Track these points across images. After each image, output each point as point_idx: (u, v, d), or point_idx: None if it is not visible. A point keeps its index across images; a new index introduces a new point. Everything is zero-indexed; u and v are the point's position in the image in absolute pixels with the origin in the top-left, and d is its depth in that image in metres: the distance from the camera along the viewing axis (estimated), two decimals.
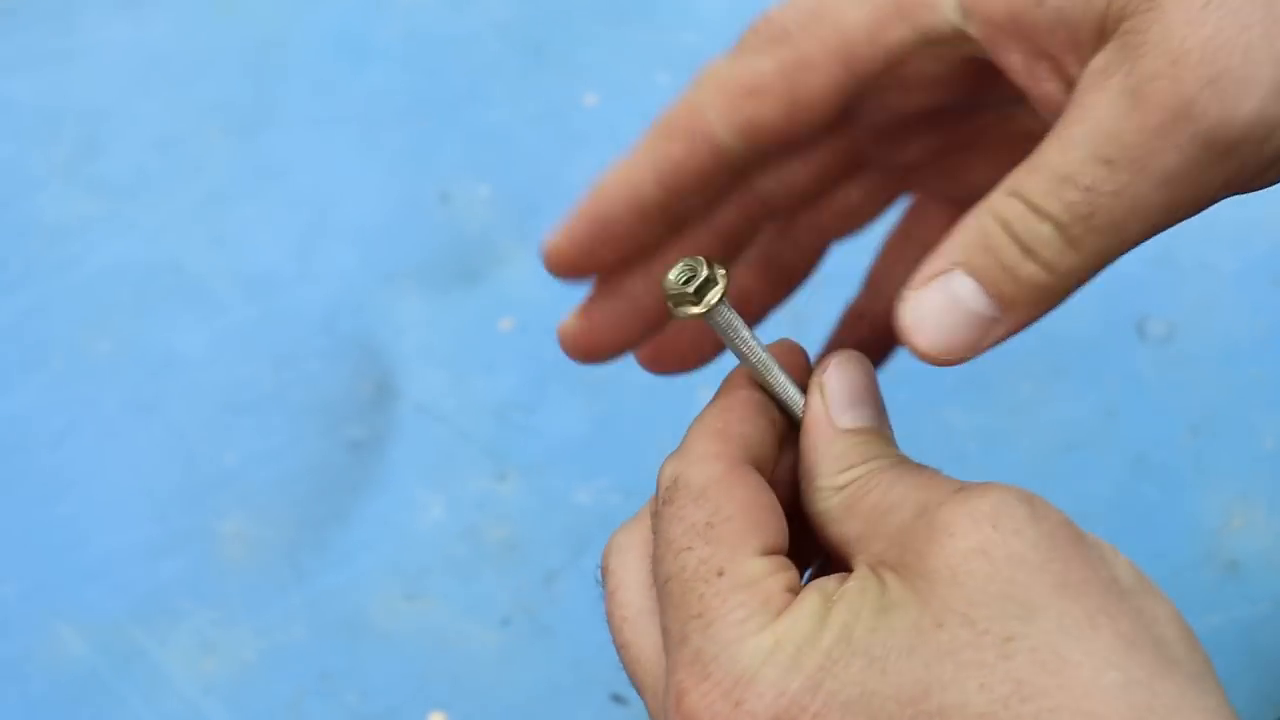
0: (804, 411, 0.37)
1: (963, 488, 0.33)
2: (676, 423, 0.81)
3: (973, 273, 0.34)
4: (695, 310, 0.35)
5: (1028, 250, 0.33)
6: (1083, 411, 0.76)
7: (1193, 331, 0.79)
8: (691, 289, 0.35)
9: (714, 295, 0.35)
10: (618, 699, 0.68)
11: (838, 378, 0.37)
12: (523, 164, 0.86)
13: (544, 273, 0.38)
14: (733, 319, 0.36)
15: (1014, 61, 0.34)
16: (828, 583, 0.33)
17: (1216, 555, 0.72)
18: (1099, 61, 0.32)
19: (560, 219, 0.37)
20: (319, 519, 0.74)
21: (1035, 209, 0.32)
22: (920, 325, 0.34)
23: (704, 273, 0.35)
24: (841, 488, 0.36)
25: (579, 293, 0.40)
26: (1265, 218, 0.82)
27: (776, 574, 0.33)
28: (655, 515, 0.35)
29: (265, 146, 0.88)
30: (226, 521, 0.74)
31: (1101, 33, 0.32)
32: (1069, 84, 0.33)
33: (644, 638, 0.35)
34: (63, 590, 0.72)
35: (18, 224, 0.84)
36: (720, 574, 0.33)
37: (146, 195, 0.86)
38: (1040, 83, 0.34)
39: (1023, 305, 0.34)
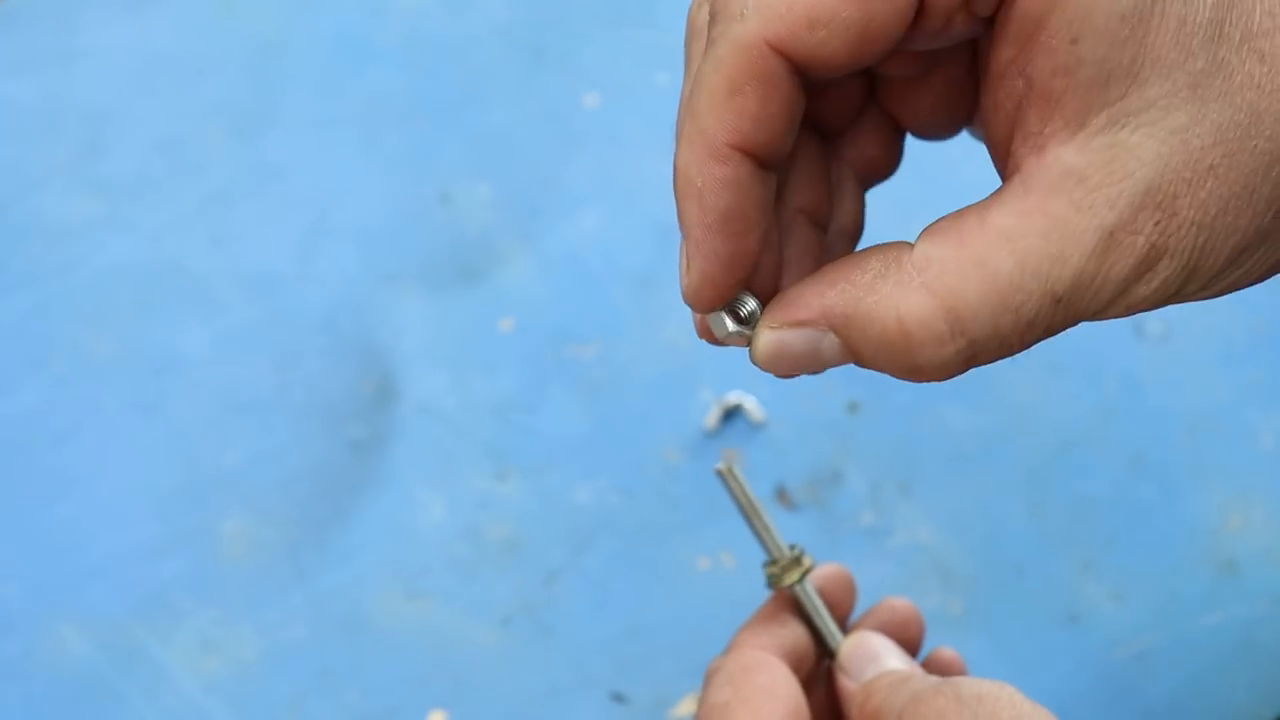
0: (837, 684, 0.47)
1: (941, 687, 0.42)
2: (676, 423, 0.81)
3: (848, 342, 0.32)
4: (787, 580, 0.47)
5: (911, 358, 0.31)
6: (1081, 411, 0.77)
7: (1190, 331, 0.79)
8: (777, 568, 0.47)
9: (794, 577, 0.47)
10: (618, 698, 0.69)
11: (852, 647, 0.47)
12: (523, 164, 0.86)
13: (544, 273, 0.38)
14: (810, 592, 0.47)
15: (1001, 54, 0.31)
16: None
17: (1214, 554, 0.72)
18: (1073, 157, 0.30)
19: (687, 259, 0.33)
20: (320, 519, 0.74)
21: (955, 328, 0.30)
22: (776, 361, 0.33)
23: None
24: None
25: (576, 292, 0.40)
26: None
27: None
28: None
29: (266, 147, 0.88)
30: (228, 521, 0.74)
31: (1083, 110, 0.30)
32: (1017, 108, 0.31)
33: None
34: (64, 590, 0.72)
35: (19, 224, 0.84)
36: None
37: (148, 196, 0.86)
38: (1002, 84, 0.31)
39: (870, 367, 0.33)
